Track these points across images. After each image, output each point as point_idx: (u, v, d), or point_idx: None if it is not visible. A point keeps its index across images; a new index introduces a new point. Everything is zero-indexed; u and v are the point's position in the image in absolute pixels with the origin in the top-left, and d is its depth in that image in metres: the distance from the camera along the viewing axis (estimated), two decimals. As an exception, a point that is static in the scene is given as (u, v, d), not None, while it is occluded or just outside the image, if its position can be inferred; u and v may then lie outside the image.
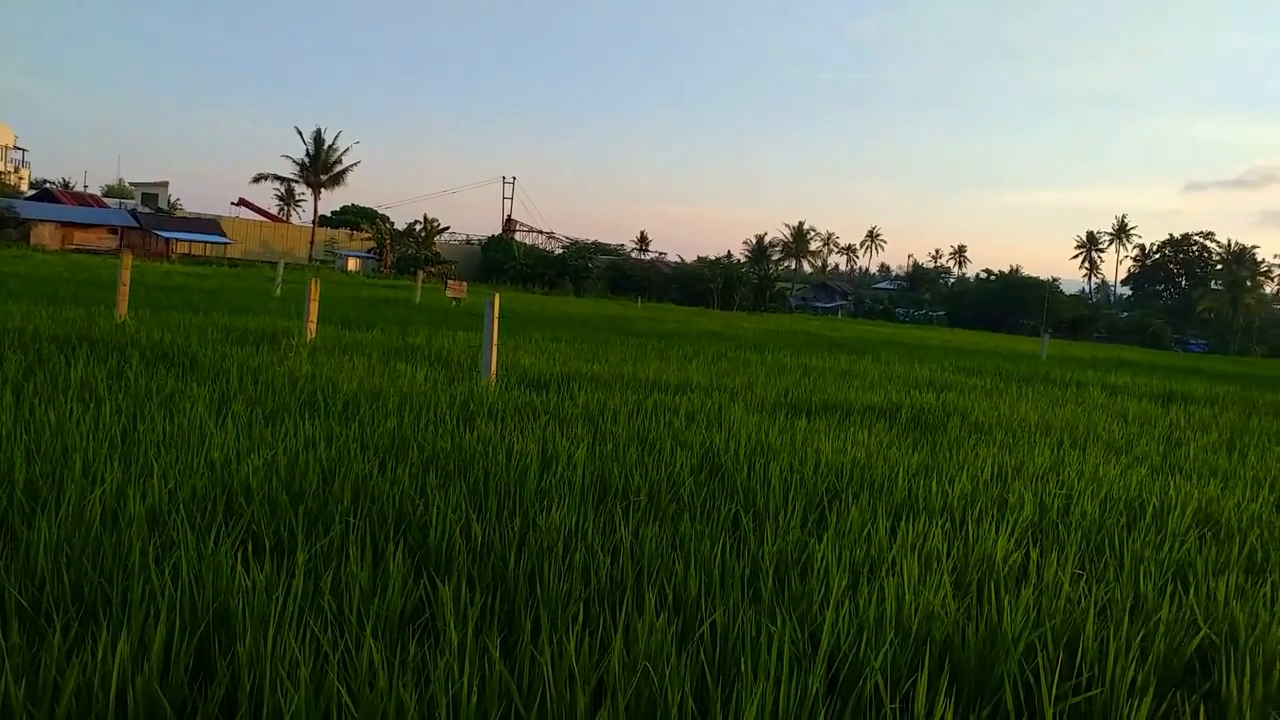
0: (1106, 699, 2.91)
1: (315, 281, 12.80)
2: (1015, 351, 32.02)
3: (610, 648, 2.86)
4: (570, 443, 5.94)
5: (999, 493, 5.60)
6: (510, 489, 4.71)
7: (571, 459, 5.39)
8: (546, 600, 3.30)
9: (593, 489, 4.91)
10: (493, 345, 9.69)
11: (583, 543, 3.90)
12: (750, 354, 17.12)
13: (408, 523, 4.10)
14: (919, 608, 3.35)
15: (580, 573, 3.58)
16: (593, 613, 3.28)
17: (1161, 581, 4.06)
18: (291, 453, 5.03)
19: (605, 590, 3.49)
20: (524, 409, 7.50)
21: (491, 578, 3.58)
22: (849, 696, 2.85)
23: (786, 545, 4.11)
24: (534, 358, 12.26)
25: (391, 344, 12.72)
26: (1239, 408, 13.68)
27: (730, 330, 29.09)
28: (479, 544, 3.84)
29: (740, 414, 8.21)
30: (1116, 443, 8.65)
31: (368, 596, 3.20)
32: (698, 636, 3.08)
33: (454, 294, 33.33)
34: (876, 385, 12.49)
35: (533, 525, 4.10)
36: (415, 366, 9.96)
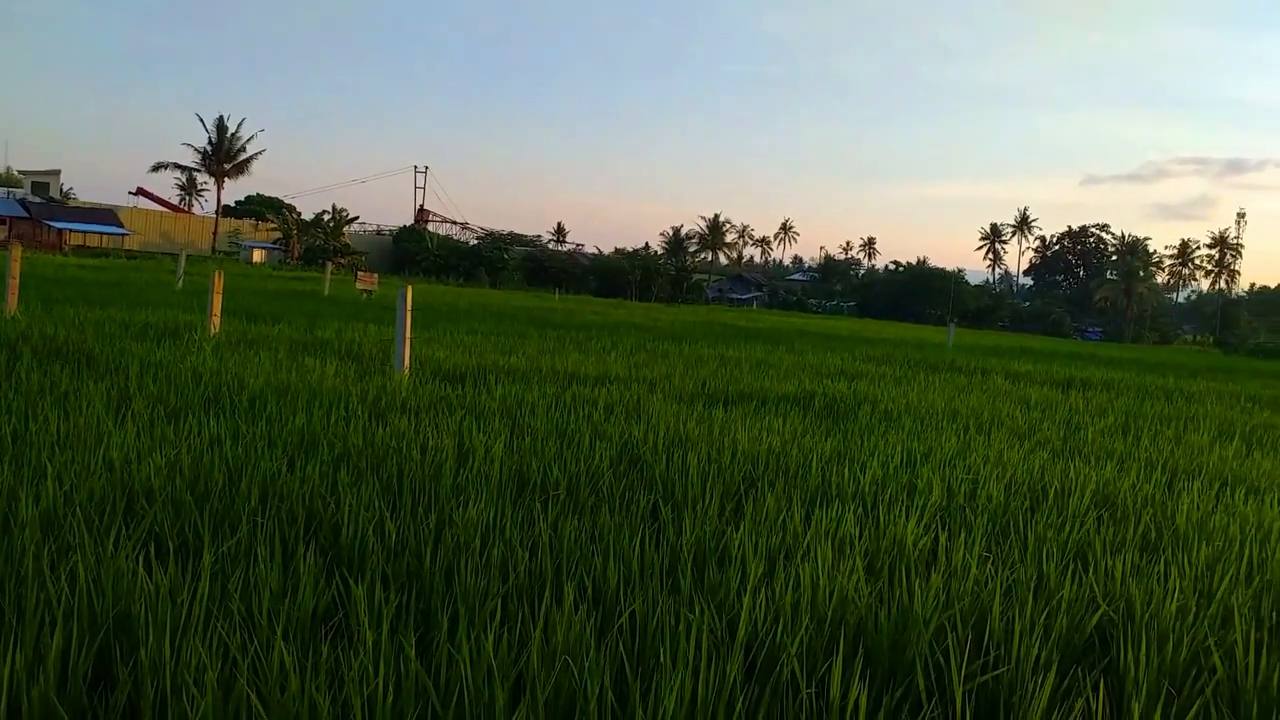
0: (1013, 676, 3.01)
1: (219, 274, 12.40)
2: (923, 340, 32.91)
3: (529, 643, 2.84)
4: (487, 437, 5.88)
5: (908, 478, 5.74)
6: (425, 485, 4.64)
7: (488, 453, 5.34)
8: (464, 597, 3.25)
9: (510, 483, 4.86)
10: (405, 338, 9.53)
11: (501, 538, 3.86)
12: (668, 345, 17.21)
13: (319, 522, 4.01)
14: (833, 593, 3.41)
15: (498, 568, 3.55)
16: (511, 608, 3.25)
17: (1063, 561, 4.21)
18: (196, 452, 4.86)
19: (524, 585, 3.47)
20: (439, 403, 7.40)
21: (407, 576, 3.52)
22: (766, 683, 2.89)
23: (705, 534, 4.14)
24: (449, 351, 12.10)
25: (300, 338, 12.41)
26: (1133, 393, 14.32)
27: (649, 322, 29.20)
28: (393, 542, 3.77)
29: (659, 405, 8.24)
30: (1020, 428, 8.96)
31: (278, 598, 3.11)
32: (617, 628, 3.08)
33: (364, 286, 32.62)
34: (791, 375, 12.69)
35: (449, 521, 4.04)
36: (325, 361, 9.73)
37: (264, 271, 57.48)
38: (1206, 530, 5.03)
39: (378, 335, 13.55)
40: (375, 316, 18.84)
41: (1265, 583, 4.08)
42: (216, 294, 12.13)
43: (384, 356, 10.66)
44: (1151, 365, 25.46)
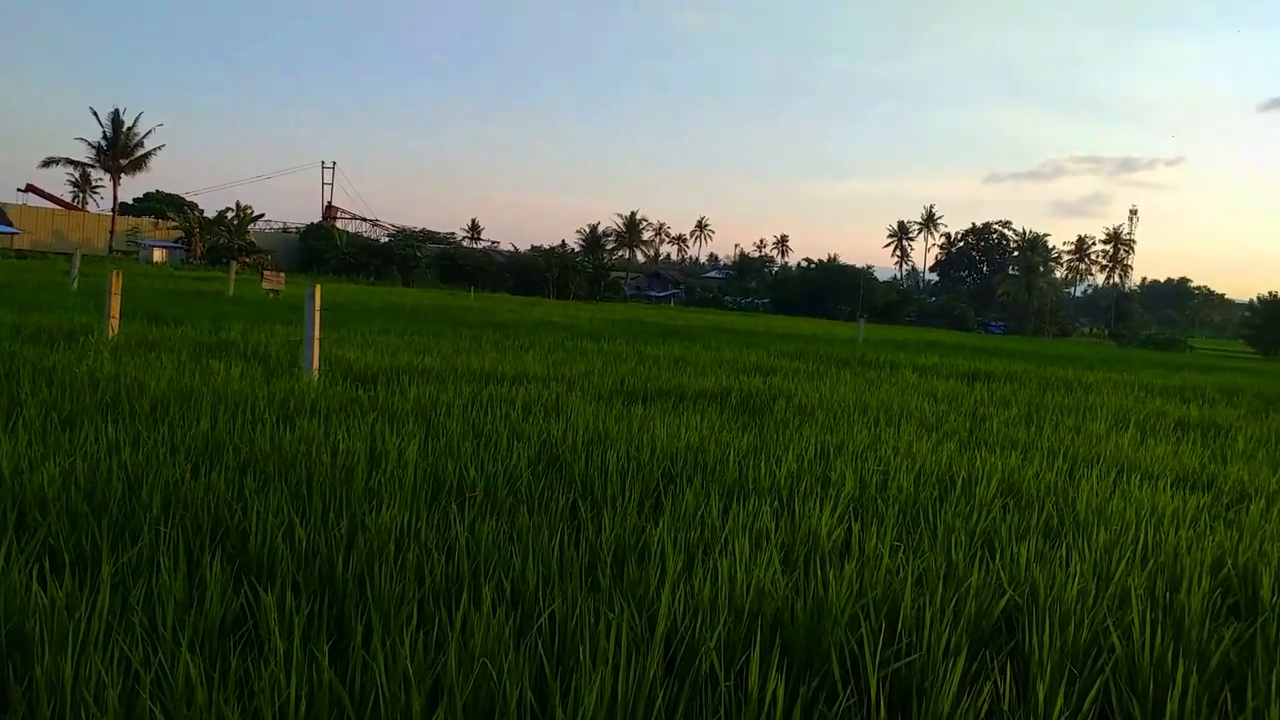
0: (925, 662, 3.09)
1: (116, 274, 11.91)
2: (834, 336, 33.58)
3: (446, 647, 2.80)
4: (400, 439, 5.77)
5: (822, 471, 5.85)
6: (336, 490, 4.53)
7: (402, 456, 5.25)
8: (378, 602, 3.19)
9: (425, 486, 4.79)
10: (314, 339, 9.30)
11: (416, 542, 3.80)
12: (587, 343, 17.18)
13: (225, 529, 3.88)
14: (751, 586, 3.45)
15: (413, 572, 3.49)
16: (428, 612, 3.20)
17: (971, 549, 4.34)
18: (92, 459, 4.66)
19: (440, 589, 3.42)
20: (350, 405, 7.24)
21: (319, 583, 3.44)
22: (686, 677, 2.91)
23: (624, 531, 4.14)
24: (360, 351, 11.86)
25: (204, 340, 12.00)
26: (1035, 384, 14.85)
27: (566, 319, 29.11)
28: (304, 548, 3.68)
29: (578, 403, 8.22)
30: (928, 420, 9.21)
31: (183, 609, 3.00)
32: (536, 629, 3.07)
33: (270, 285, 31.70)
34: (708, 371, 12.80)
35: (361, 526, 3.95)
36: (230, 363, 9.43)
37: (165, 271, 55.41)
38: (1105, 515, 5.24)
39: (285, 336, 13.19)
40: (282, 317, 18.35)
41: (1159, 565, 4.28)
42: (114, 295, 11.65)
43: (292, 358, 10.38)
44: (1051, 357, 26.45)
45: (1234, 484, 6.71)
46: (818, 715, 2.84)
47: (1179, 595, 3.78)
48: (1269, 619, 3.61)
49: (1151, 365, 26.35)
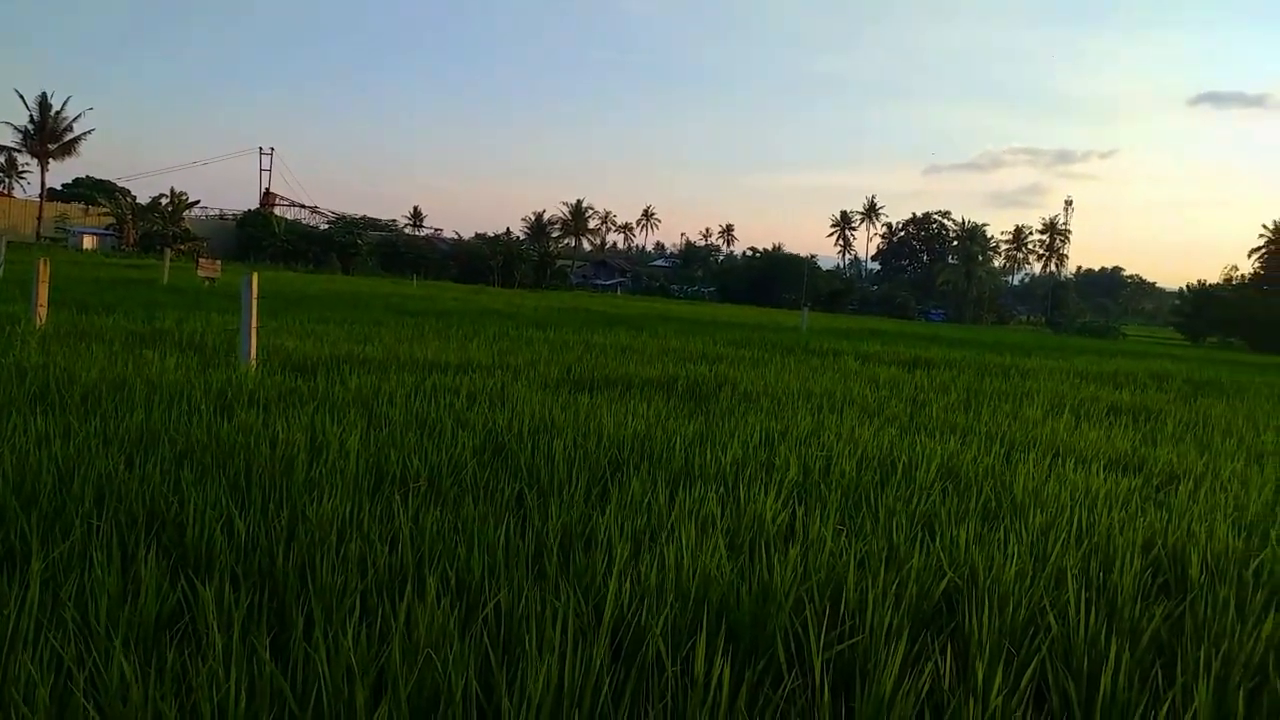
0: (867, 644, 3.13)
1: (44, 261, 11.53)
2: (779, 324, 33.86)
3: (390, 638, 2.77)
4: (342, 429, 5.69)
5: (767, 457, 5.89)
6: (276, 481, 4.45)
7: (343, 446, 5.17)
8: (320, 594, 3.14)
9: (368, 476, 4.72)
10: (252, 328, 9.11)
11: (358, 532, 3.75)
12: (533, 331, 17.09)
13: (161, 522, 3.79)
14: (697, 571, 3.47)
15: (356, 563, 3.44)
16: (371, 604, 3.16)
17: (912, 532, 4.41)
18: (20, 452, 4.51)
19: (384, 580, 3.38)
20: (289, 395, 7.11)
21: (259, 575, 3.38)
22: (632, 664, 2.91)
23: (571, 520, 4.14)
24: (299, 340, 11.65)
25: (137, 329, 11.69)
26: (973, 371, 15.14)
27: (512, 308, 28.91)
28: (243, 540, 3.60)
29: (523, 392, 8.18)
30: (870, 406, 9.33)
31: (117, 604, 2.93)
32: (482, 619, 3.04)
33: (206, 273, 30.93)
34: (654, 359, 12.82)
35: (302, 517, 3.89)
36: (165, 353, 9.20)
37: (96, 259, 53.77)
38: (1041, 498, 5.37)
39: (222, 325, 12.91)
40: (219, 305, 17.94)
41: (1093, 545, 4.39)
42: (42, 283, 11.28)
43: (229, 347, 10.16)
44: (990, 344, 27.00)
45: (1164, 466, 6.91)
46: (763, 698, 2.86)
47: (1112, 575, 3.89)
48: (1197, 597, 3.73)
49: (1086, 352, 27.03)
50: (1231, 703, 2.85)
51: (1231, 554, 4.36)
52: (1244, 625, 3.39)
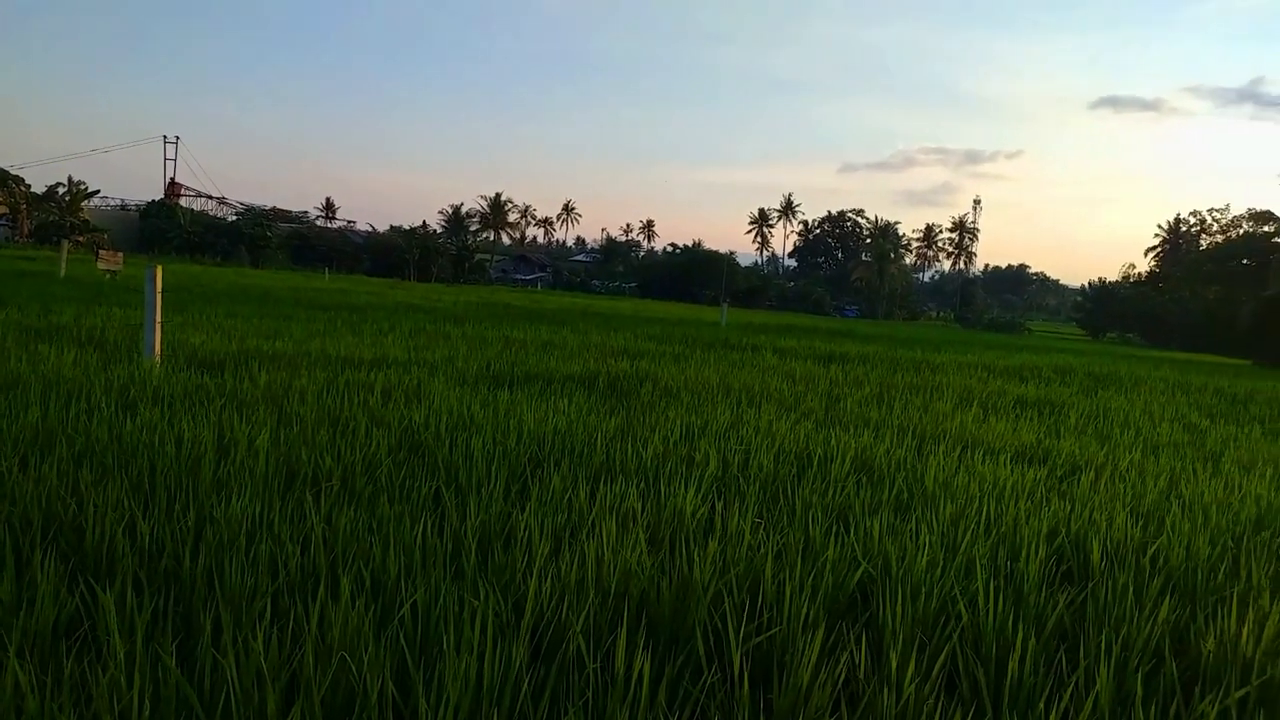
0: (785, 636, 3.17)
1: (-72, 252, 10.92)
2: (699, 320, 34.13)
3: (303, 641, 2.69)
4: (251, 427, 5.52)
5: (687, 451, 5.93)
6: (182, 481, 4.29)
7: (252, 445, 5.02)
8: (229, 598, 3.04)
9: (278, 476, 4.59)
10: (156, 323, 8.78)
11: (269, 534, 3.64)
12: (450, 326, 16.87)
13: (59, 525, 3.62)
14: (617, 567, 3.46)
15: (266, 565, 3.34)
16: (283, 606, 3.08)
17: (827, 524, 4.49)
18: (-100, 454, 4.26)
19: (296, 581, 3.29)
20: (195, 393, 6.88)
21: (164, 579, 3.26)
22: (553, 661, 2.89)
23: (490, 517, 4.09)
24: (206, 336, 11.28)
25: (32, 324, 11.16)
26: (886, 365, 15.48)
27: (429, 303, 28.49)
28: (147, 544, 3.47)
29: (441, 388, 8.06)
30: (787, 400, 9.47)
31: (11, 612, 2.79)
32: (399, 619, 2.99)
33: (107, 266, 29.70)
34: (576, 355, 12.78)
35: (210, 519, 3.76)
36: (62, 349, 8.80)
37: (-14, 250, 51.18)
38: (951, 489, 5.51)
39: (124, 320, 12.42)
40: (120, 299, 17.26)
41: (1001, 535, 4.53)
42: (-75, 275, 10.67)
43: (131, 343, 9.78)
44: (902, 340, 27.66)
45: (1067, 457, 7.17)
46: (682, 692, 2.87)
47: (1019, 564, 4.01)
48: (1098, 583, 3.88)
49: (993, 347, 27.91)
50: (1130, 684, 2.97)
51: (1130, 541, 4.55)
52: (1142, 610, 3.54)
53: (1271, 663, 3.18)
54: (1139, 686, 2.92)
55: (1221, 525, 5.12)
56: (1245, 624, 3.36)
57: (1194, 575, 4.14)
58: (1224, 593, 3.92)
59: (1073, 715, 2.78)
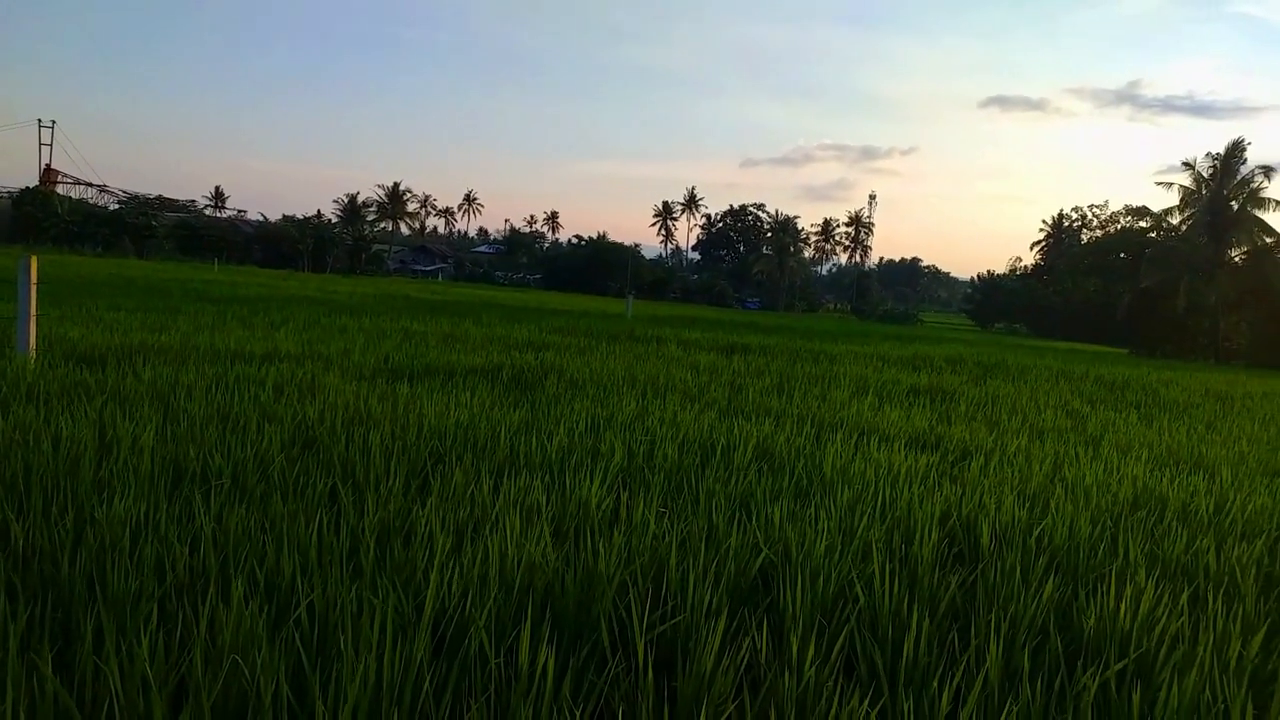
0: (689, 623, 3.20)
1: None
2: (604, 312, 34.15)
3: (192, 645, 2.59)
4: (135, 425, 5.28)
5: (593, 443, 5.92)
6: (60, 482, 4.07)
7: (136, 443, 4.80)
8: (112, 602, 2.90)
9: (165, 475, 4.41)
10: (30, 316, 8.31)
11: (154, 534, 3.49)
12: (347, 319, 16.46)
13: (-81, 532, 3.39)
14: (521, 560, 3.43)
15: (152, 568, 3.20)
16: (170, 610, 2.95)
17: (730, 512, 4.54)
18: None
19: (185, 583, 3.16)
20: (74, 389, 6.54)
21: (41, 584, 3.08)
22: (455, 658, 2.85)
23: (389, 514, 4.01)
24: (86, 329, 10.74)
25: (-109, 317, 10.43)
26: (786, 356, 15.77)
27: (324, 294, 27.74)
28: (21, 547, 3.28)
29: (336, 382, 7.85)
30: (691, 391, 9.55)
31: None
32: (294, 620, 2.90)
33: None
34: (479, 347, 12.63)
35: (91, 520, 3.58)
36: (-74, 344, 8.26)
37: None
38: (848, 476, 5.65)
39: (-4, 313, 11.72)
40: (-8, 291, 16.28)
41: (895, 519, 4.66)
42: None
43: (3, 338, 9.24)
44: (801, 331, 28.22)
45: (957, 443, 7.43)
46: (587, 684, 2.87)
47: (913, 547, 4.14)
48: (988, 564, 4.03)
49: (888, 338, 28.70)
50: (1019, 660, 3.09)
51: (1017, 523, 4.74)
52: (1028, 589, 3.69)
53: (1147, 636, 3.36)
54: (1026, 662, 3.04)
55: (1101, 506, 5.38)
56: (1123, 600, 3.54)
57: (1076, 554, 4.34)
58: (1104, 570, 4.12)
59: (964, 693, 2.88)
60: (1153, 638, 3.34)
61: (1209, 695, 3.00)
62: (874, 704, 2.87)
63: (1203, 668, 3.12)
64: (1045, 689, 2.92)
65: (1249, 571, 4.26)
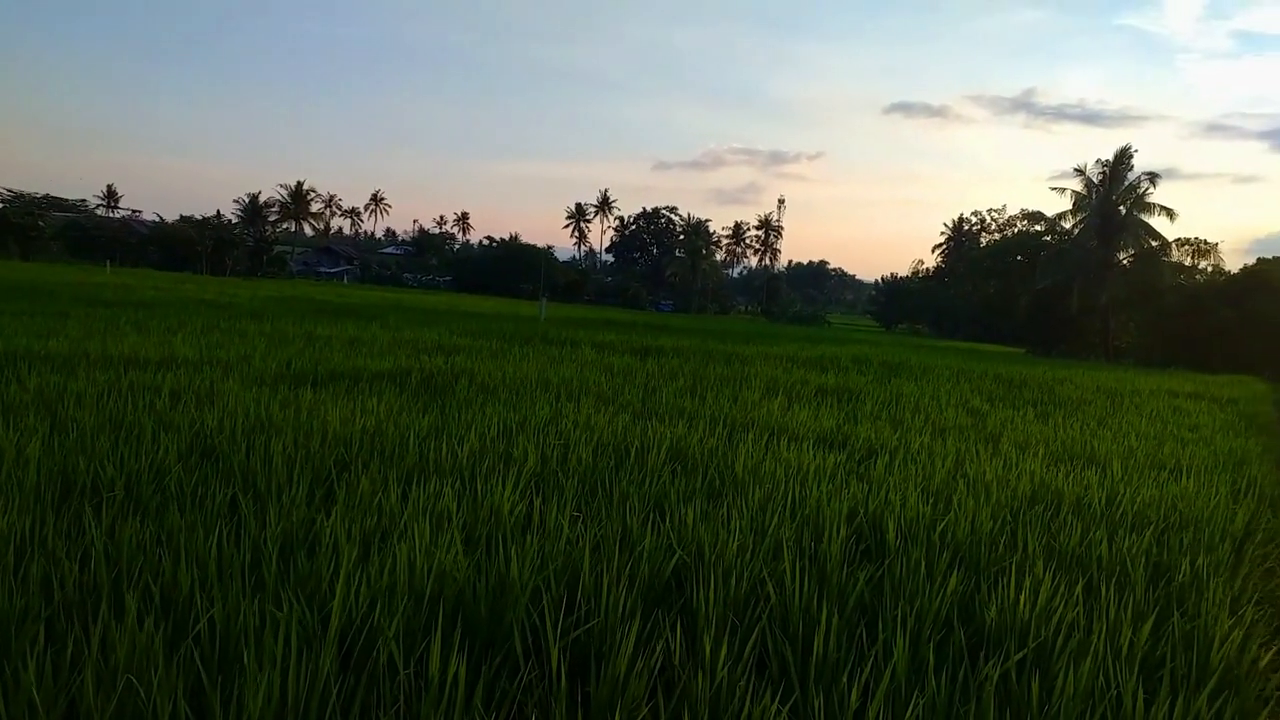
0: (603, 627, 3.19)
1: None
2: (517, 314, 33.90)
3: (82, 665, 2.47)
4: (19, 435, 5.02)
5: (505, 448, 5.86)
6: (-65, 496, 3.84)
7: (21, 454, 4.56)
8: (-7, 624, 2.74)
9: (52, 487, 4.20)
10: (-95, 321, 7.83)
11: (41, 550, 3.32)
12: (247, 323, 15.96)
13: None
14: (432, 569, 3.37)
15: (39, 585, 3.04)
16: (59, 629, 2.81)
17: (644, 514, 4.55)
18: None
19: (75, 601, 3.01)
20: (-46, 398, 6.18)
21: (-89, 608, 2.89)
22: (363, 670, 2.78)
23: (293, 524, 3.89)
24: (-31, 335, 10.16)
25: None
26: (699, 358, 15.90)
27: (224, 298, 26.85)
28: (-110, 569, 3.08)
29: (237, 389, 7.60)
30: (605, 394, 9.55)
31: None
32: (193, 637, 2.79)
33: None
34: (386, 352, 12.39)
35: (-31, 537, 3.38)
36: None
37: None
38: (759, 476, 5.72)
39: None
40: None
41: (805, 517, 4.74)
42: None
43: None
44: (714, 333, 28.50)
45: (864, 442, 7.60)
46: (500, 692, 2.83)
47: (822, 544, 4.21)
48: (894, 560, 4.12)
49: (797, 339, 29.21)
50: (924, 653, 3.17)
51: (921, 519, 4.86)
52: (933, 583, 3.79)
53: (1045, 626, 3.48)
54: (931, 655, 3.12)
55: (1001, 501, 5.57)
56: (1023, 591, 3.66)
57: (978, 548, 4.48)
58: (1004, 563, 4.26)
59: (873, 687, 2.94)
60: (1050, 627, 3.46)
61: (1103, 681, 3.13)
62: (785, 701, 2.91)
63: (1097, 655, 3.25)
64: (950, 680, 3.00)
65: (1139, 561, 4.47)
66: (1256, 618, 4.07)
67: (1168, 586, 4.26)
